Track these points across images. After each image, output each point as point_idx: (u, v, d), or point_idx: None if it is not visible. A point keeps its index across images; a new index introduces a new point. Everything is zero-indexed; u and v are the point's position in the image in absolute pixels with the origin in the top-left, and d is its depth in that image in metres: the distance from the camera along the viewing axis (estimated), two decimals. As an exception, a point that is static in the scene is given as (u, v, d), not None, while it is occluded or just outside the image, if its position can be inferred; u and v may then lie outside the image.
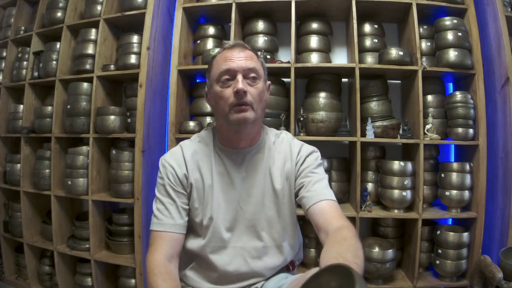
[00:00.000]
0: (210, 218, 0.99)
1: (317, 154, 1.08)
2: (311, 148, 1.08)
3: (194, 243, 1.02)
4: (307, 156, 1.05)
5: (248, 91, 0.93)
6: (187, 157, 1.02)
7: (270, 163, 1.04)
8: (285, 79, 2.07)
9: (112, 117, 1.94)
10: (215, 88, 0.97)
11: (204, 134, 1.09)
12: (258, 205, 1.01)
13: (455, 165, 1.83)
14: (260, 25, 2.03)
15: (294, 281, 0.91)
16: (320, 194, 0.96)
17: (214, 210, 0.99)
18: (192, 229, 1.04)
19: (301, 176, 1.02)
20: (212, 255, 1.00)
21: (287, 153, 1.05)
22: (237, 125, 0.95)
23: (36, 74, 2.22)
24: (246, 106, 0.93)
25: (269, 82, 1.06)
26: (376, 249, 1.83)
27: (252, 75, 0.95)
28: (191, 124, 1.94)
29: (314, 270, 0.77)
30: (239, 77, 0.93)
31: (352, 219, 1.80)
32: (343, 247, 0.75)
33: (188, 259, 1.06)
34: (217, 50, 1.01)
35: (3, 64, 2.41)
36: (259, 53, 1.91)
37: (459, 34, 1.82)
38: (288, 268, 1.09)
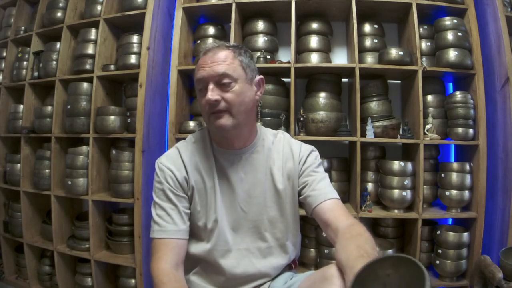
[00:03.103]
0: (215, 220, 0.98)
1: (316, 153, 1.09)
2: (310, 147, 1.09)
3: (198, 248, 1.00)
4: (308, 155, 1.05)
5: (223, 97, 0.91)
6: (185, 159, 1.00)
7: (270, 163, 1.03)
8: (285, 79, 2.07)
9: (112, 117, 1.94)
10: (197, 96, 1.00)
11: (198, 135, 1.06)
12: (260, 206, 1.01)
13: (455, 165, 1.83)
14: (260, 25, 2.03)
15: (305, 281, 0.90)
16: (326, 193, 0.97)
17: (218, 212, 0.98)
18: (193, 233, 1.01)
19: (303, 175, 1.02)
20: (218, 259, 0.98)
21: (288, 152, 1.05)
22: (218, 131, 0.96)
23: (36, 74, 2.22)
24: (221, 113, 0.92)
25: (259, 77, 1.01)
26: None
27: (225, 80, 0.91)
28: (191, 124, 1.94)
29: (332, 269, 0.77)
30: (210, 85, 0.91)
31: (352, 219, 1.80)
32: (360, 240, 0.76)
33: (191, 263, 1.03)
34: None
35: (3, 64, 2.41)
36: (258, 53, 1.93)
37: (459, 34, 1.82)
38: (290, 266, 1.09)
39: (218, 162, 1.01)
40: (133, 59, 1.98)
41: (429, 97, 1.95)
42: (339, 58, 2.19)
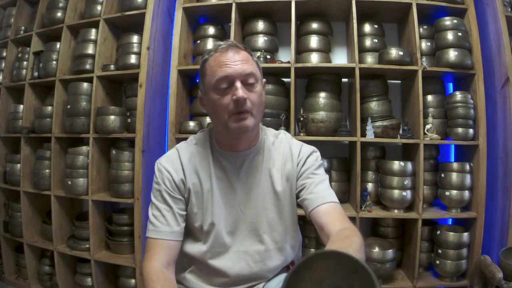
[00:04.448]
0: (211, 223, 0.97)
1: (317, 154, 1.06)
2: (311, 148, 1.07)
3: (194, 248, 1.00)
4: (308, 157, 1.03)
5: (248, 97, 0.89)
6: (184, 161, 0.99)
7: (270, 165, 1.02)
8: (285, 79, 2.07)
9: (112, 117, 1.94)
10: (211, 96, 0.92)
11: (200, 136, 1.05)
12: (259, 208, 1.00)
13: (455, 165, 1.83)
14: (260, 25, 2.03)
15: None
16: (324, 197, 0.95)
17: (215, 215, 0.97)
18: (190, 233, 1.02)
19: (302, 177, 1.01)
20: (214, 261, 0.98)
21: (287, 153, 1.03)
22: (237, 133, 0.93)
23: (36, 74, 2.22)
24: (246, 114, 0.90)
25: (264, 80, 1.02)
26: (376, 249, 1.83)
27: (251, 80, 0.91)
28: (191, 124, 1.94)
29: None
30: (238, 84, 0.88)
31: (352, 219, 1.79)
32: (344, 243, 0.75)
33: (187, 262, 1.04)
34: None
35: (3, 64, 2.42)
36: (258, 53, 1.93)
37: (459, 34, 1.82)
38: (288, 268, 1.09)
39: (220, 165, 1.00)
40: (133, 59, 1.98)
41: (429, 97, 1.95)
42: (339, 58, 2.19)
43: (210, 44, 2.07)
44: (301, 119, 1.89)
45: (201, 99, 1.01)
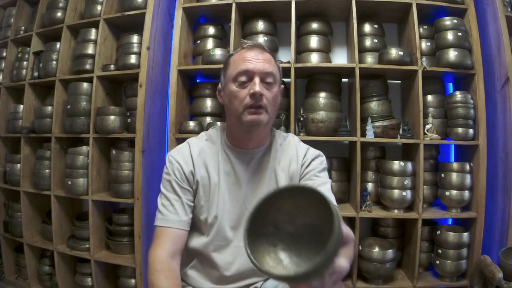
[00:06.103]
0: (215, 216, 1.00)
1: (323, 158, 1.09)
2: (317, 152, 1.09)
3: (197, 241, 1.02)
4: (312, 160, 1.06)
5: (264, 94, 0.93)
6: (194, 154, 1.03)
7: (275, 164, 1.05)
8: (285, 79, 2.06)
9: (112, 117, 1.94)
10: (230, 87, 0.96)
11: (211, 133, 1.09)
12: None
13: (455, 165, 1.83)
14: (260, 25, 2.03)
15: None
16: None
17: (219, 208, 1.00)
18: (195, 227, 1.04)
19: (304, 178, 1.03)
20: (215, 254, 1.00)
21: (293, 154, 1.06)
22: (249, 126, 0.95)
23: (36, 74, 2.22)
24: (260, 109, 0.94)
25: (282, 86, 1.07)
26: (376, 249, 1.83)
27: (269, 79, 0.96)
28: (191, 124, 1.94)
29: None
30: (257, 79, 0.93)
31: (352, 219, 1.80)
32: None
33: (189, 257, 1.06)
34: (218, 50, 0.98)
35: (3, 64, 2.42)
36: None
37: (459, 34, 1.83)
38: None
39: (228, 160, 1.03)
40: (133, 59, 1.98)
41: (429, 97, 1.95)
42: (339, 58, 2.19)
43: (210, 44, 2.07)
44: (301, 119, 1.89)
45: (219, 91, 1.06)
